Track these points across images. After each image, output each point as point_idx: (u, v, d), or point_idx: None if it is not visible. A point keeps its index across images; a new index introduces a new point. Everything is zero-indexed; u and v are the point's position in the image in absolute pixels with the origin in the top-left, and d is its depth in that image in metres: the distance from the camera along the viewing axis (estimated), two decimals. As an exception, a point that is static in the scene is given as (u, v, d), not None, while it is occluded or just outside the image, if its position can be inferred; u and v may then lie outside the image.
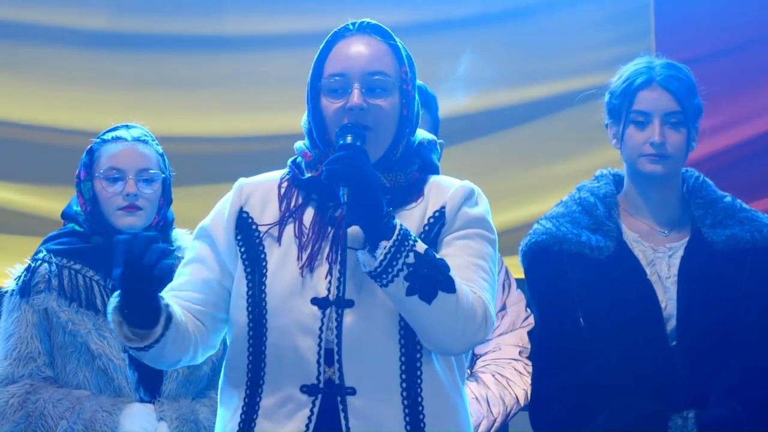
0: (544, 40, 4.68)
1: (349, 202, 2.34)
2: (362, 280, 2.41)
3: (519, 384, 3.32)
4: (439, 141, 3.40)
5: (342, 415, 2.43)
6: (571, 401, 3.07)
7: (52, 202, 4.48)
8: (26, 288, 3.18)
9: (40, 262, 3.21)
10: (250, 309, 2.49)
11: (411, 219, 2.47)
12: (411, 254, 2.34)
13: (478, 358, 3.39)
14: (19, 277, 3.21)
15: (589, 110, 4.50)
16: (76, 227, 3.25)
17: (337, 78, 2.49)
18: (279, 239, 2.50)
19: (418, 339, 2.45)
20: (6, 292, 3.23)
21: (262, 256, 2.50)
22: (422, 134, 2.61)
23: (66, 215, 3.29)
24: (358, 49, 2.51)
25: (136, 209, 3.18)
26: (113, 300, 2.37)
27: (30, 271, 3.21)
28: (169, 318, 2.40)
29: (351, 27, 2.54)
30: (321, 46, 2.54)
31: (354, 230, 2.41)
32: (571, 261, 3.12)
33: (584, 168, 4.52)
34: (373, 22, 2.55)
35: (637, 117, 3.13)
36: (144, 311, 2.37)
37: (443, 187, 2.55)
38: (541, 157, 4.69)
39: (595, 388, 3.05)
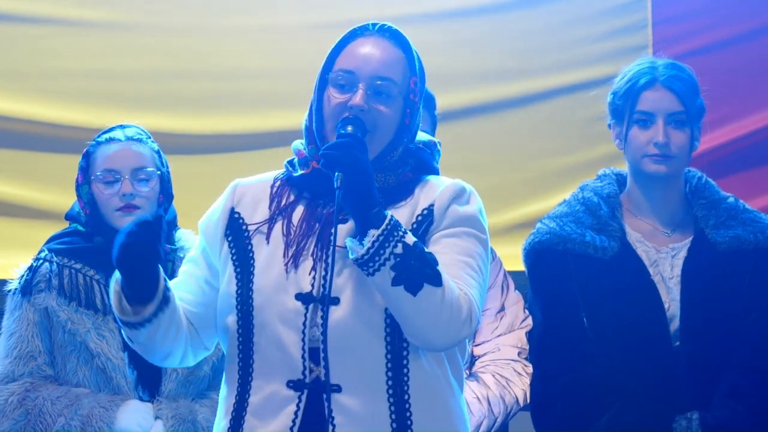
0: (542, 33, 4.67)
1: (342, 187, 2.35)
2: (350, 277, 2.42)
3: (518, 384, 3.32)
4: (436, 140, 3.41)
5: (327, 412, 2.41)
6: (575, 401, 3.08)
7: (53, 196, 4.48)
8: (28, 287, 3.19)
9: (41, 261, 3.22)
10: (239, 307, 2.49)
11: (399, 217, 2.44)
12: (399, 245, 2.34)
13: (476, 359, 3.39)
14: (22, 276, 3.22)
15: (587, 104, 4.54)
16: (79, 227, 3.26)
17: (345, 74, 2.49)
18: (267, 237, 2.51)
19: (405, 337, 2.44)
20: (7, 291, 3.25)
21: (251, 254, 2.50)
22: (422, 136, 2.61)
23: (69, 216, 3.29)
24: (372, 51, 2.50)
25: (133, 209, 3.18)
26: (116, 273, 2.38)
27: (32, 270, 3.22)
28: (166, 300, 2.42)
29: (371, 27, 2.53)
30: (338, 40, 2.54)
31: (347, 227, 2.42)
32: (576, 261, 3.12)
33: (583, 162, 4.54)
34: (394, 27, 2.54)
35: (640, 117, 3.13)
36: (142, 282, 2.38)
37: (433, 186, 2.54)
38: (539, 150, 4.68)
39: (598, 389, 3.06)
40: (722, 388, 3.07)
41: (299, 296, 2.45)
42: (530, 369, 3.31)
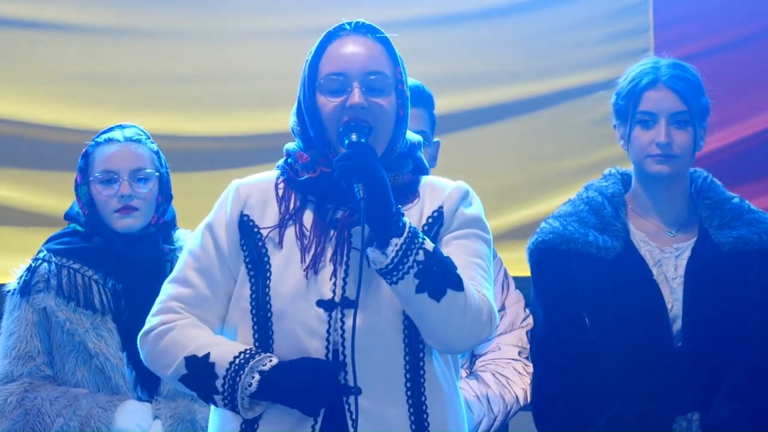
0: (543, 37, 4.67)
1: (366, 198, 2.34)
2: (367, 281, 2.41)
3: (518, 383, 3.31)
4: (435, 140, 3.42)
5: (348, 415, 2.43)
6: (576, 401, 3.08)
7: (52, 200, 4.48)
8: (26, 287, 3.19)
9: (40, 261, 3.22)
10: (254, 312, 2.48)
11: (409, 219, 2.44)
12: (421, 252, 2.35)
13: (477, 358, 3.38)
14: (21, 276, 3.22)
15: (589, 106, 4.54)
16: (78, 227, 3.25)
17: (336, 77, 2.49)
18: (280, 242, 2.50)
19: (420, 338, 2.45)
20: (6, 291, 3.24)
21: (265, 259, 2.49)
22: (409, 135, 2.60)
23: (68, 216, 3.29)
24: (355, 49, 2.50)
25: (131, 210, 3.17)
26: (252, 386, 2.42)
27: (30, 270, 3.21)
28: None
29: (347, 27, 2.53)
30: (315, 46, 2.54)
31: (358, 231, 2.41)
32: (578, 260, 3.13)
33: (586, 165, 4.54)
34: (368, 22, 2.55)
35: (643, 117, 3.13)
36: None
37: (438, 188, 2.56)
38: (541, 153, 4.68)
39: (599, 389, 3.06)
40: (723, 389, 3.07)
41: (321, 303, 2.45)
42: (531, 368, 3.30)
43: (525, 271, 3.31)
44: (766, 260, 3.13)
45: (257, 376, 2.40)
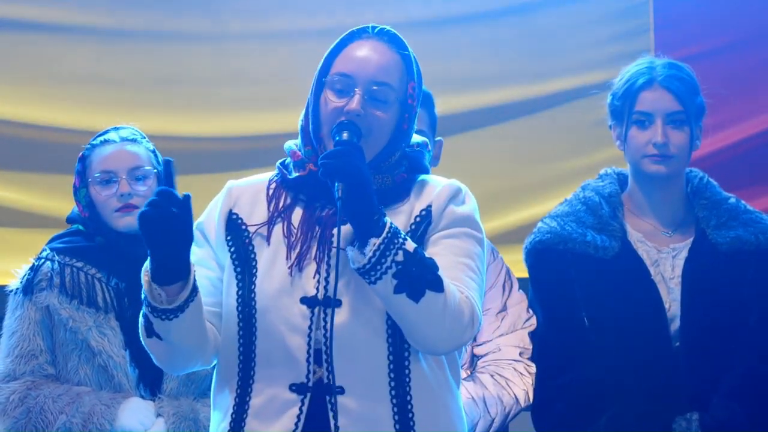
0: (544, 38, 4.68)
1: (344, 197, 2.34)
2: (350, 279, 2.41)
3: (519, 384, 3.30)
4: (437, 138, 3.42)
5: (331, 414, 2.43)
6: (574, 401, 3.09)
7: (53, 202, 4.49)
8: (29, 286, 3.20)
9: (43, 260, 3.23)
10: (240, 309, 2.48)
11: (398, 219, 2.46)
12: (400, 252, 2.34)
13: (478, 359, 3.39)
14: (24, 275, 3.24)
15: (589, 108, 4.53)
16: (80, 227, 3.27)
17: (342, 77, 2.48)
18: (268, 239, 2.50)
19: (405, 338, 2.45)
20: (9, 291, 3.26)
21: (252, 256, 2.50)
22: (413, 137, 2.60)
23: (70, 219, 3.31)
24: (369, 55, 2.49)
25: (132, 208, 3.18)
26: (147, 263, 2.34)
27: (33, 269, 3.23)
28: (196, 288, 2.37)
29: (369, 30, 2.52)
30: (335, 42, 2.53)
31: (343, 230, 2.42)
32: (576, 260, 3.13)
33: (586, 166, 4.53)
34: (392, 30, 2.53)
35: (639, 118, 3.14)
36: (174, 258, 2.33)
37: (429, 186, 2.54)
38: (541, 154, 4.69)
39: (598, 389, 3.07)
40: (722, 389, 3.07)
41: (304, 300, 2.45)
42: (533, 369, 3.29)
43: (526, 272, 3.32)
44: (763, 260, 3.14)
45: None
